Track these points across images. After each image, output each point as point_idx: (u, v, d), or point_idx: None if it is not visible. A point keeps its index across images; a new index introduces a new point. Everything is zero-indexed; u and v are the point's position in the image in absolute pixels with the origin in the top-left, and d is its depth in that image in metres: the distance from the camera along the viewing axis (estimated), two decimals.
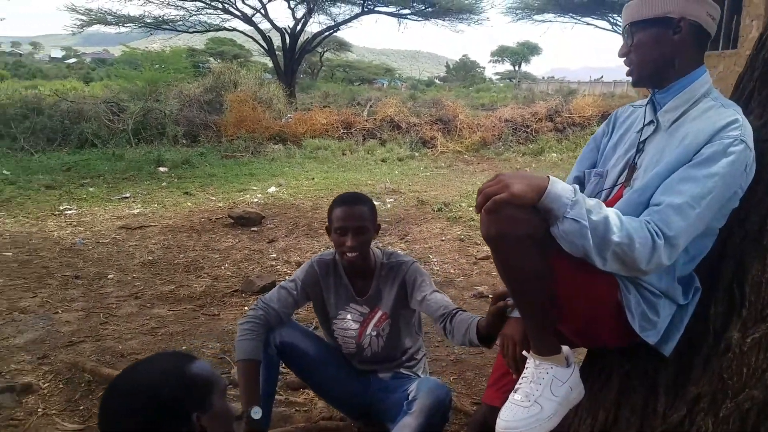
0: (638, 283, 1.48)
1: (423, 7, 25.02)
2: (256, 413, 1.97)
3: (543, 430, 1.51)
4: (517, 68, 67.69)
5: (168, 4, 22.51)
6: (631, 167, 1.61)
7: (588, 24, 31.09)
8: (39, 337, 3.57)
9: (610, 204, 1.59)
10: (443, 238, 5.97)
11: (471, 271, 4.94)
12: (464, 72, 67.08)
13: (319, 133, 13.15)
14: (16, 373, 3.06)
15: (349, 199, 2.23)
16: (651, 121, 1.60)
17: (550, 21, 30.19)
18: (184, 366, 1.26)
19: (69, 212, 7.01)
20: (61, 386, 2.97)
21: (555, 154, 12.47)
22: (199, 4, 22.97)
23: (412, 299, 2.22)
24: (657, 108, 1.60)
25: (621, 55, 1.62)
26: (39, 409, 2.75)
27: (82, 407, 2.80)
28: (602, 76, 43.17)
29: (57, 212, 6.99)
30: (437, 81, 65.39)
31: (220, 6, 23.22)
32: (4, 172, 8.87)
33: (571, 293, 1.47)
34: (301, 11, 24.54)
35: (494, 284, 4.58)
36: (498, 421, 1.53)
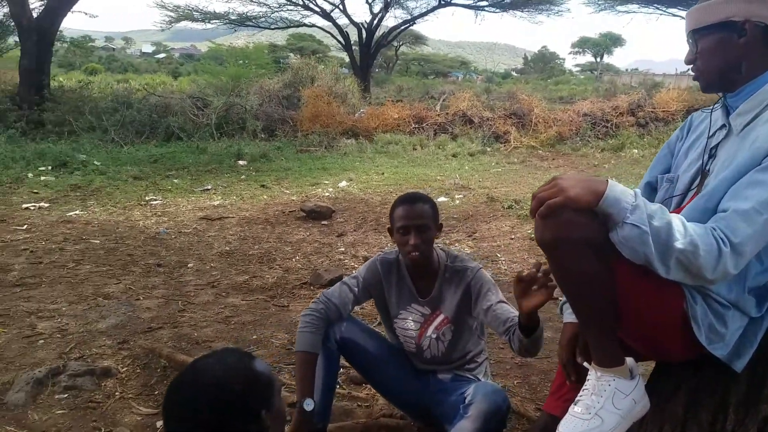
0: (705, 293, 1.42)
1: None
2: (309, 405, 2.03)
3: None
4: (598, 60, 65.39)
5: (251, 1, 23.23)
6: (703, 174, 1.55)
7: (674, 15, 29.50)
8: (120, 322, 3.77)
9: (680, 212, 1.53)
10: (512, 237, 5.88)
11: None
12: (543, 64, 65.51)
13: (391, 127, 13.23)
14: (97, 357, 3.25)
15: (410, 198, 2.24)
16: (722, 126, 1.54)
17: (634, 12, 28.82)
18: (250, 363, 1.27)
19: (154, 203, 7.39)
20: (138, 371, 3.12)
21: (636, 150, 11.99)
22: (280, 0, 23.56)
23: (476, 308, 2.20)
24: (729, 111, 1.53)
25: (687, 62, 1.56)
26: (116, 393, 2.90)
27: (157, 392, 2.93)
28: (689, 69, 40.87)
29: (143, 202, 7.39)
30: (514, 73, 64.17)
31: (300, 2, 23.73)
32: (95, 162, 9.43)
33: (633, 302, 1.43)
34: (378, 6, 24.71)
35: None
36: None
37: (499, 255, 5.32)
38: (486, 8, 25.26)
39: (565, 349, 1.69)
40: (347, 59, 26.57)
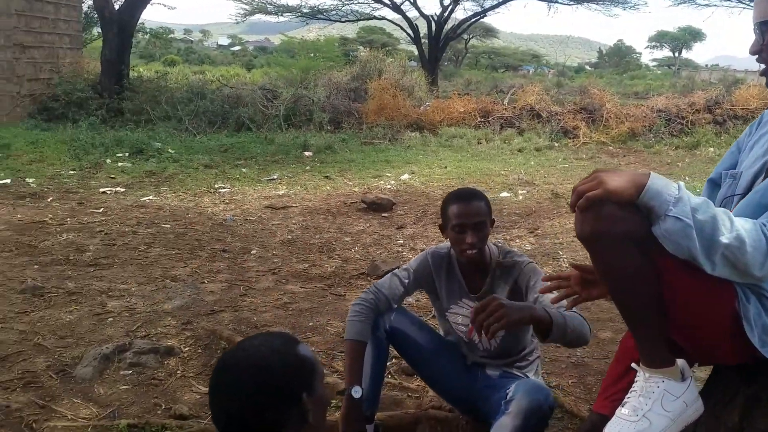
0: (760, 292, 1.35)
1: None
2: (357, 392, 2.06)
3: None
4: (676, 55, 62.53)
5: None
6: None
7: None
8: (185, 304, 3.93)
9: None
10: (575, 235, 5.73)
11: None
12: (618, 58, 63.29)
13: (456, 121, 13.11)
14: (162, 336, 3.41)
15: (465, 195, 2.22)
16: None
17: (715, 5, 27.36)
18: (294, 347, 1.30)
19: (223, 190, 7.65)
20: (199, 351, 3.25)
21: (712, 149, 11.42)
22: None
23: (525, 301, 2.18)
24: None
25: (752, 52, 1.49)
26: (178, 371, 3.04)
27: None
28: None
29: (212, 190, 7.66)
30: (587, 67, 62.29)
31: None
32: (170, 150, 9.83)
33: (681, 299, 1.37)
34: None
35: None
36: None
37: (560, 252, 5.20)
38: (559, 1, 24.62)
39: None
40: (416, 52, 26.53)
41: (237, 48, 66.71)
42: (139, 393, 2.84)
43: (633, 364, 1.51)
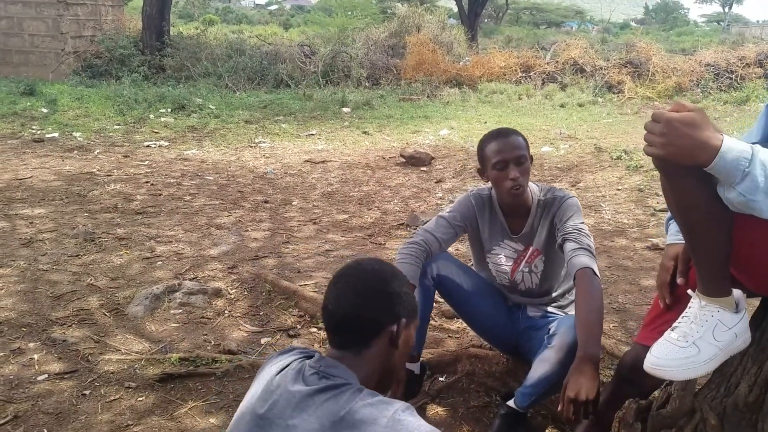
0: None
1: None
2: None
3: (696, 374, 1.43)
4: (726, 10, 59.49)
5: None
6: None
7: None
8: (230, 250, 4.04)
9: None
10: (619, 188, 5.63)
11: (647, 223, 4.63)
12: (665, 14, 60.69)
13: (496, 76, 12.86)
14: (209, 279, 3.52)
15: (502, 132, 2.18)
16: None
17: None
18: (408, 284, 1.42)
19: (263, 145, 7.73)
20: (245, 293, 3.36)
21: (762, 104, 10.91)
22: None
23: (557, 235, 2.16)
24: None
25: None
26: (225, 312, 3.15)
27: (262, 313, 3.15)
28: None
29: (253, 144, 7.75)
30: (633, 23, 59.85)
31: None
32: (210, 106, 9.94)
33: (749, 232, 1.33)
34: None
35: None
36: (648, 356, 1.46)
37: (603, 205, 5.12)
38: None
39: (665, 270, 1.62)
40: (455, 9, 25.89)
41: (274, 7, 66.19)
42: (188, 330, 2.95)
43: (689, 291, 1.49)
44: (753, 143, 1.25)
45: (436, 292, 2.33)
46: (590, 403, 1.75)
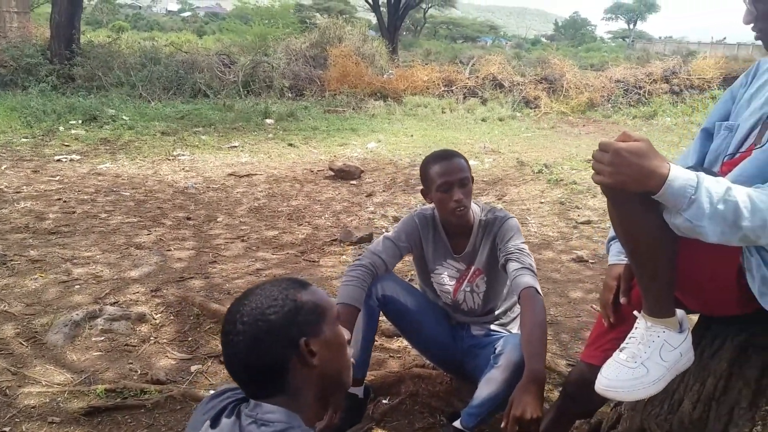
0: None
1: None
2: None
3: (647, 394, 1.46)
4: (631, 27, 63.63)
5: None
6: (765, 124, 1.47)
7: None
8: (153, 271, 3.83)
9: (738, 164, 1.47)
10: (542, 200, 5.82)
11: (570, 235, 4.80)
12: (573, 30, 64.02)
13: (420, 90, 13.08)
14: (131, 303, 3.31)
15: (445, 155, 2.21)
16: None
17: None
18: (295, 291, 1.29)
19: (182, 158, 7.44)
20: (171, 318, 3.18)
21: (669, 119, 11.70)
22: None
23: (499, 256, 2.20)
24: None
25: (746, 22, 1.47)
26: (151, 338, 2.97)
27: (190, 338, 2.99)
28: (725, 38, 39.79)
29: (171, 157, 7.44)
30: (544, 39, 62.74)
31: None
32: (124, 117, 9.49)
33: (691, 253, 1.38)
34: None
35: (594, 249, 4.43)
36: (599, 378, 1.49)
37: (528, 218, 5.27)
38: None
39: (608, 290, 1.66)
40: (374, 21, 26.17)
41: (187, 14, 64.63)
42: (113, 359, 2.76)
43: (635, 312, 1.52)
44: (689, 167, 1.30)
45: (381, 312, 2.30)
46: (535, 422, 1.76)
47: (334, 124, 10.37)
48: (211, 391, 1.28)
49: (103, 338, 2.92)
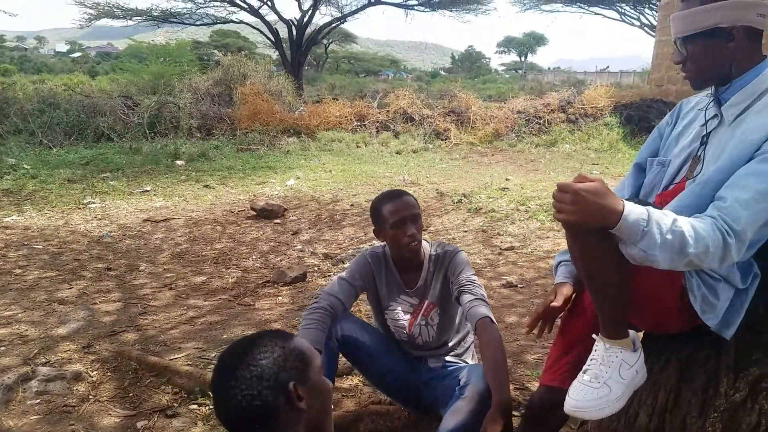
0: None
1: None
2: None
3: (611, 411, 1.58)
4: (522, 59, 67.54)
5: None
6: (695, 159, 1.66)
7: (596, 14, 31.04)
8: (81, 327, 3.63)
9: (672, 195, 1.65)
10: (465, 229, 6.03)
11: (497, 262, 5.00)
12: (469, 63, 67.03)
13: (333, 125, 13.21)
14: (64, 362, 3.11)
15: (395, 194, 2.30)
16: (715, 115, 1.64)
17: (558, 11, 30.10)
18: (282, 341, 1.36)
19: (93, 205, 7.10)
20: (109, 374, 3.02)
21: (568, 145, 12.49)
22: None
23: (452, 288, 2.29)
24: (721, 102, 1.63)
25: (676, 62, 1.65)
26: (90, 396, 2.81)
27: (131, 394, 2.85)
28: (608, 66, 43.13)
29: (81, 205, 7.08)
30: (442, 72, 65.29)
31: None
32: (25, 166, 8.95)
33: (642, 277, 1.53)
34: (308, 2, 24.57)
35: (521, 274, 4.64)
36: (567, 399, 1.59)
37: None
38: (416, 7, 25.64)
39: (553, 309, 1.81)
40: (275, 56, 26.28)
41: (77, 54, 61.99)
42: (52, 422, 2.58)
43: (594, 335, 1.65)
44: (627, 199, 1.46)
45: (340, 353, 2.33)
46: None
47: (249, 162, 10.26)
48: None
49: (39, 401, 2.73)
